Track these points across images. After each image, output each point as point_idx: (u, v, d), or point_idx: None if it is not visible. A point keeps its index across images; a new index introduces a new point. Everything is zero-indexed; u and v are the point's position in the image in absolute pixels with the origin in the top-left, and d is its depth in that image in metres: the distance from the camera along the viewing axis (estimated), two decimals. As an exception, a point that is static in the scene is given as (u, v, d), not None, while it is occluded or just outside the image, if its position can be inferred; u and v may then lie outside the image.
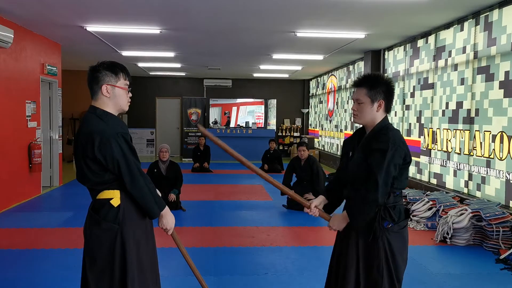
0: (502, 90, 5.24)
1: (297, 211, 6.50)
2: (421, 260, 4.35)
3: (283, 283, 3.76)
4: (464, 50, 6.08)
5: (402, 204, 2.35)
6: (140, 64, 11.75)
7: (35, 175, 7.60)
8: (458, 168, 6.15)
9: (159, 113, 15.22)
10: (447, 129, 6.45)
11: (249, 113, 15.29)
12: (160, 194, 2.35)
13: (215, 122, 14.69)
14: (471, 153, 5.84)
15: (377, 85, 2.31)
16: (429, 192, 6.41)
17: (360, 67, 10.29)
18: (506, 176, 5.15)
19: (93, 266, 2.20)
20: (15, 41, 6.51)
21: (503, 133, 5.19)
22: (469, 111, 5.92)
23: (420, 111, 7.33)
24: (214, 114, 14.89)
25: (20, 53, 7.12)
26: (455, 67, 6.30)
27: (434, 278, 3.93)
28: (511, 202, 5.10)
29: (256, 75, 14.22)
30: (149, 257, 2.31)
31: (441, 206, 5.53)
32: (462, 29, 6.16)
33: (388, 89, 2.32)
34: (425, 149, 7.10)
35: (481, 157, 5.62)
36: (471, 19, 5.93)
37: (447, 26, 6.53)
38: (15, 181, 6.92)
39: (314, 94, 15.00)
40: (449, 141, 6.39)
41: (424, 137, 7.14)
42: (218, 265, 4.17)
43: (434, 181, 6.85)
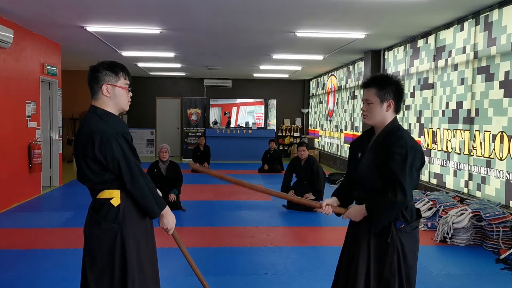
0: (502, 90, 5.24)
1: (297, 211, 6.51)
2: (421, 260, 4.30)
3: (283, 283, 3.76)
4: (464, 50, 6.09)
5: (413, 204, 2.35)
6: (140, 64, 11.74)
7: (35, 175, 7.60)
8: (458, 168, 6.15)
9: (159, 113, 15.22)
10: (447, 129, 6.45)
11: (249, 113, 15.29)
12: (160, 194, 2.35)
13: (215, 123, 14.69)
14: (471, 153, 5.84)
15: (386, 85, 2.31)
16: (429, 192, 6.41)
17: (360, 67, 10.29)
18: (506, 176, 5.15)
19: (93, 266, 2.19)
20: (15, 41, 6.51)
21: (503, 133, 5.19)
22: (469, 111, 5.92)
23: (420, 111, 7.33)
24: (214, 114, 14.88)
25: (20, 53, 7.12)
26: (455, 67, 6.30)
27: (434, 278, 3.93)
28: (511, 202, 5.10)
29: (256, 75, 14.23)
30: (149, 257, 2.31)
31: (441, 206, 5.53)
32: (462, 29, 6.17)
33: (397, 89, 2.32)
34: (425, 149, 7.10)
35: (481, 157, 5.62)
36: (471, 19, 5.93)
37: (447, 26, 6.53)
38: (15, 181, 6.92)
39: (314, 94, 15.00)
40: (449, 141, 6.39)
41: (424, 137, 7.14)
42: (218, 265, 4.17)
43: (434, 181, 6.85)
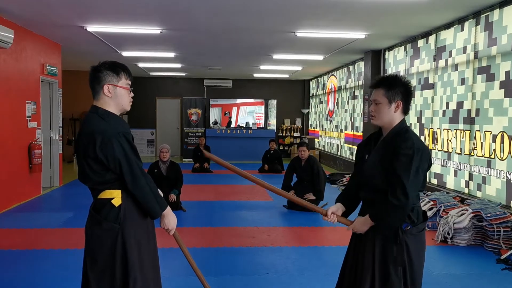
0: (503, 90, 5.24)
1: (298, 211, 6.50)
2: (421, 260, 4.34)
3: (283, 283, 3.76)
4: (465, 50, 6.08)
5: (420, 206, 2.33)
6: (140, 65, 11.75)
7: (35, 175, 7.59)
8: (459, 168, 6.15)
9: (159, 114, 15.22)
10: (448, 129, 6.44)
11: (249, 113, 15.29)
12: (162, 194, 2.35)
13: (215, 123, 14.69)
14: (472, 153, 5.83)
15: (395, 86, 2.29)
16: (429, 192, 6.41)
17: (360, 67, 10.28)
18: (506, 176, 5.15)
19: (94, 266, 2.19)
20: (15, 41, 6.51)
21: (504, 133, 5.18)
22: (469, 111, 5.91)
23: (421, 111, 7.33)
24: (214, 115, 14.89)
25: (20, 53, 7.12)
26: (456, 67, 6.30)
27: (435, 278, 3.92)
28: (511, 202, 5.10)
29: (256, 75, 14.22)
30: (151, 257, 2.31)
31: (441, 206, 5.53)
32: (462, 29, 6.16)
33: (406, 90, 2.30)
34: (425, 149, 7.09)
35: (481, 157, 5.62)
36: (472, 19, 5.93)
37: (447, 26, 6.53)
38: (15, 182, 6.92)
39: (314, 94, 15.00)
40: (450, 141, 6.38)
41: (425, 137, 7.14)
42: (218, 265, 4.16)
43: (434, 181, 6.85)
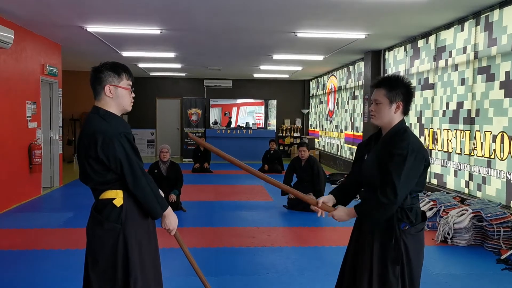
0: (503, 90, 5.24)
1: (298, 211, 6.51)
2: (422, 260, 4.34)
3: (283, 284, 3.76)
4: (465, 50, 6.08)
5: (419, 207, 2.33)
6: (140, 65, 11.76)
7: (36, 175, 7.59)
8: (459, 168, 6.15)
9: (159, 114, 15.22)
10: (448, 129, 6.45)
11: (249, 113, 15.30)
12: (162, 195, 2.35)
13: (215, 123, 14.69)
14: (472, 153, 5.84)
15: (396, 86, 2.30)
16: (429, 193, 6.41)
17: (360, 67, 10.29)
18: (506, 176, 5.15)
19: (95, 266, 2.20)
20: (15, 41, 6.51)
21: (504, 133, 5.19)
22: (469, 111, 5.92)
23: (421, 111, 7.33)
24: (214, 115, 14.89)
25: (21, 53, 7.12)
26: (456, 67, 6.30)
27: (435, 278, 3.93)
28: (511, 202, 5.10)
29: (256, 75, 14.23)
30: (152, 257, 2.31)
31: (441, 206, 5.53)
32: (462, 29, 6.16)
33: (407, 91, 2.31)
34: (425, 149, 7.09)
35: (481, 157, 5.62)
36: (472, 19, 5.93)
37: (447, 26, 6.53)
38: (16, 182, 6.92)
39: (314, 95, 15.00)
40: (450, 141, 6.38)
41: (425, 137, 7.14)
42: (218, 265, 4.17)
43: (434, 181, 6.85)
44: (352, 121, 10.84)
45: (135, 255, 2.19)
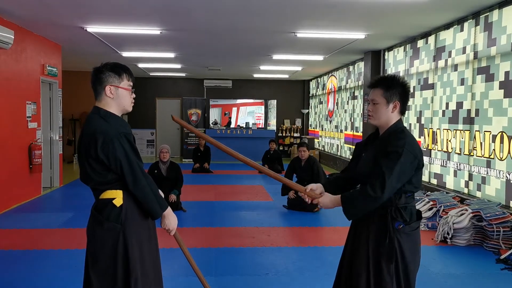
0: (502, 91, 5.25)
1: (298, 211, 6.51)
2: (421, 260, 4.29)
3: (283, 284, 3.76)
4: (464, 50, 6.09)
5: (414, 206, 2.35)
6: (140, 65, 11.76)
7: (36, 175, 7.60)
8: (458, 168, 6.15)
9: (159, 114, 15.22)
10: (447, 129, 6.45)
11: (249, 113, 15.31)
12: (162, 195, 2.36)
13: (215, 123, 14.70)
14: (471, 153, 5.84)
15: (393, 86, 2.32)
16: (429, 192, 6.41)
17: (360, 67, 10.29)
18: (506, 176, 5.15)
19: (95, 266, 2.20)
20: (15, 42, 6.52)
21: (503, 133, 5.19)
22: (469, 111, 5.92)
23: (420, 112, 7.34)
24: (214, 115, 14.90)
25: (21, 54, 7.13)
26: (455, 67, 6.30)
27: (434, 278, 3.93)
28: (511, 202, 5.10)
29: (256, 75, 14.23)
30: (152, 257, 2.32)
31: (441, 206, 5.54)
32: (462, 30, 6.17)
33: (404, 91, 2.33)
34: (425, 149, 7.10)
35: (481, 157, 5.63)
36: (471, 20, 5.93)
37: (447, 26, 6.54)
38: (16, 182, 6.92)
39: (314, 95, 15.00)
40: (449, 141, 6.39)
41: (424, 137, 7.15)
42: (218, 265, 4.17)
43: (434, 181, 6.85)
44: (352, 121, 10.85)
45: (135, 255, 2.20)
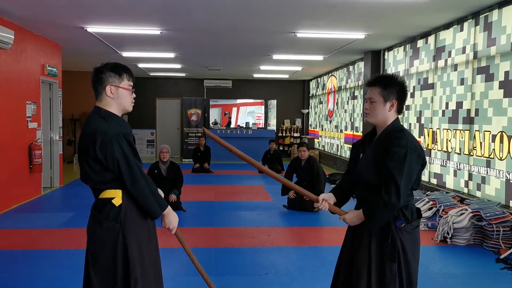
0: (502, 90, 5.25)
1: (298, 211, 6.52)
2: (421, 260, 4.29)
3: (283, 283, 3.76)
4: (464, 50, 6.09)
5: (414, 204, 2.36)
6: (140, 65, 11.77)
7: (36, 176, 7.60)
8: (458, 168, 6.16)
9: (159, 114, 15.23)
10: (447, 129, 6.45)
11: (249, 113, 15.32)
12: (162, 195, 2.36)
13: (215, 123, 14.70)
14: (471, 153, 5.85)
15: (390, 85, 2.32)
16: (429, 192, 6.42)
17: (360, 67, 10.29)
18: (506, 176, 5.16)
19: (95, 266, 2.21)
20: (15, 42, 6.52)
21: (503, 133, 5.20)
22: (469, 111, 5.93)
23: (420, 111, 7.34)
24: (214, 115, 14.91)
25: (21, 54, 7.13)
26: (455, 67, 6.31)
27: (434, 277, 3.93)
28: (511, 202, 5.11)
29: (256, 75, 14.23)
30: (152, 256, 2.32)
31: (441, 206, 5.54)
32: (462, 30, 6.17)
33: (401, 90, 2.34)
34: (425, 149, 7.10)
35: (481, 157, 5.63)
36: (471, 20, 5.94)
37: (447, 26, 6.54)
38: (16, 182, 6.93)
39: (314, 95, 15.01)
40: (449, 141, 6.39)
41: (424, 137, 7.15)
42: (218, 265, 4.17)
43: (434, 181, 6.86)
44: (352, 121, 10.85)
45: (135, 254, 2.20)
